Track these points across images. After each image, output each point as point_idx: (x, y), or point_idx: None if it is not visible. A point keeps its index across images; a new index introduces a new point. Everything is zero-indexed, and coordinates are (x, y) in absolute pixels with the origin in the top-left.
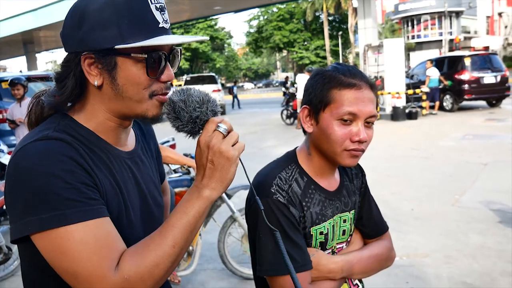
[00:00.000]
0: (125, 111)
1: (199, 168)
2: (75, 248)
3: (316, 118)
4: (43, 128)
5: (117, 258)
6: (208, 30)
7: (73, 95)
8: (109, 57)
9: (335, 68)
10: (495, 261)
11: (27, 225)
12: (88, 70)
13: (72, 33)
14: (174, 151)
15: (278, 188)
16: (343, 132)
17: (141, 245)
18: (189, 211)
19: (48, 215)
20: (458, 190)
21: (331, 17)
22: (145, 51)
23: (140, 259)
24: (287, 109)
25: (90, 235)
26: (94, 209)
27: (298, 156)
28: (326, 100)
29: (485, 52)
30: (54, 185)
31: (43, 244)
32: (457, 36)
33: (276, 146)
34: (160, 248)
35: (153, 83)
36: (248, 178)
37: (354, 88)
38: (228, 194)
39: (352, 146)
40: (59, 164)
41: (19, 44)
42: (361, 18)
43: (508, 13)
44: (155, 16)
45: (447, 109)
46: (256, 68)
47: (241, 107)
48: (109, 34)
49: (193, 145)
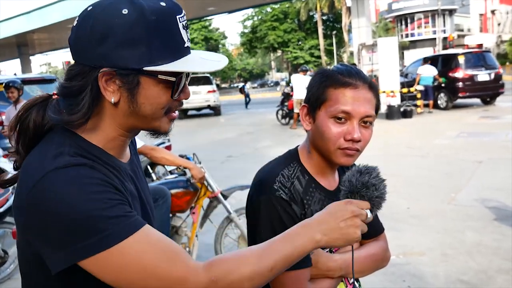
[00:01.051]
0: (137, 126)
1: (329, 216)
2: (135, 260)
3: (313, 116)
4: (55, 151)
5: (186, 255)
6: (202, 30)
7: (89, 113)
8: (132, 76)
9: (336, 68)
10: (492, 258)
11: (76, 253)
12: (105, 86)
13: (91, 46)
14: (169, 152)
15: (281, 185)
16: (337, 130)
17: (238, 254)
18: (296, 244)
19: (95, 239)
20: (454, 188)
21: (325, 17)
22: (172, 73)
23: (235, 267)
24: (282, 109)
25: (144, 243)
26: (136, 219)
27: (299, 154)
28: (322, 98)
29: (478, 50)
30: (93, 208)
31: (100, 269)
32: (450, 34)
33: (272, 146)
34: (259, 266)
35: (172, 102)
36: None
37: (350, 87)
38: (225, 195)
39: (346, 144)
40: (92, 187)
41: (13, 46)
42: (354, 17)
43: (501, 10)
44: (182, 35)
45: (442, 107)
46: (251, 69)
47: (238, 108)
48: (137, 53)
49: (188, 146)
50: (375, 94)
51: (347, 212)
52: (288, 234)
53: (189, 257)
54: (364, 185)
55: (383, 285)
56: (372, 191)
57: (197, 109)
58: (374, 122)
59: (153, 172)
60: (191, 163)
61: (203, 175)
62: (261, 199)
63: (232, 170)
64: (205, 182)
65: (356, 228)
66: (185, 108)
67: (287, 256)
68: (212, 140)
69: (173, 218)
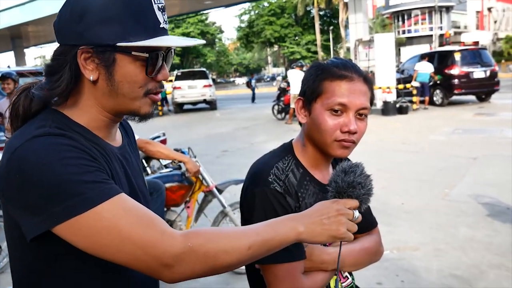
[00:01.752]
0: (118, 108)
1: (315, 211)
2: (111, 224)
3: (309, 109)
4: (37, 125)
5: (163, 223)
6: (198, 24)
7: (68, 89)
8: (108, 53)
9: (331, 61)
10: (484, 253)
11: (51, 218)
12: (84, 64)
13: (71, 26)
14: (164, 146)
15: (275, 178)
16: (333, 122)
17: (219, 228)
18: (278, 231)
19: (72, 202)
20: (448, 184)
21: (322, 12)
22: (146, 50)
23: (213, 238)
24: (278, 104)
25: (120, 209)
26: (113, 187)
27: (294, 148)
28: (318, 90)
29: (475, 47)
30: (68, 173)
31: (75, 235)
32: (447, 31)
33: (267, 141)
34: (237, 242)
35: (149, 81)
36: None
37: (345, 79)
38: (219, 189)
39: (342, 136)
40: (69, 153)
41: (7, 39)
42: (352, 13)
43: (498, 8)
44: (157, 16)
45: (437, 103)
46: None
47: (234, 103)
48: (112, 30)
49: (183, 140)
50: (370, 87)
51: (332, 210)
52: (272, 221)
53: (167, 225)
54: (350, 185)
55: (376, 279)
56: (358, 190)
57: (193, 103)
58: (368, 114)
59: (148, 166)
60: (186, 157)
61: (198, 169)
62: (255, 191)
63: (227, 165)
64: (200, 176)
65: (339, 225)
66: (181, 102)
67: (267, 240)
68: (207, 135)
69: (168, 212)
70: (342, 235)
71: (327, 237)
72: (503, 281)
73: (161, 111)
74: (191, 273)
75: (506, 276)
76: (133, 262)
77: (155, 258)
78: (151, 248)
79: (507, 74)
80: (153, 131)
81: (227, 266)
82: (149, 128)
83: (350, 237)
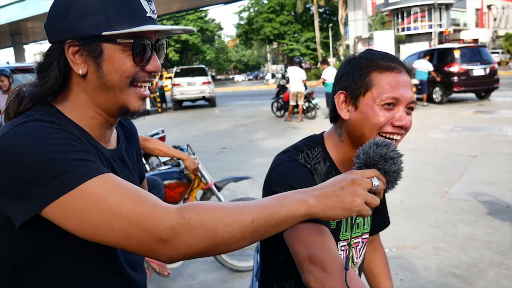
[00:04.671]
0: (109, 102)
1: (328, 183)
2: (99, 200)
3: (355, 104)
4: (27, 114)
5: (155, 197)
6: (198, 21)
7: (56, 85)
8: (94, 44)
9: (370, 54)
10: (483, 252)
11: (39, 200)
12: (72, 58)
13: (57, 22)
14: (163, 143)
15: (305, 157)
16: (386, 116)
17: (217, 203)
18: (286, 204)
19: (58, 181)
20: (447, 182)
21: (322, 9)
22: (131, 37)
23: (211, 210)
24: (277, 101)
25: (109, 185)
26: (100, 166)
27: (325, 141)
28: (367, 84)
29: (474, 45)
30: (56, 151)
31: (62, 214)
32: (446, 29)
33: (266, 138)
34: (238, 214)
35: (138, 71)
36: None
37: (394, 71)
38: (218, 187)
39: (392, 130)
40: (56, 135)
41: (6, 35)
42: (351, 10)
43: (497, 5)
44: (142, 5)
45: (437, 101)
46: (246, 60)
47: (233, 100)
48: (95, 20)
49: (182, 137)
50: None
51: (347, 180)
52: (280, 195)
53: (160, 200)
54: (382, 157)
55: None
56: (390, 165)
57: (192, 100)
58: None
59: (147, 163)
60: (185, 154)
61: (196, 166)
62: (283, 162)
63: (226, 162)
64: (198, 173)
65: (355, 196)
66: (180, 99)
67: (273, 213)
68: (206, 132)
69: None
70: (357, 208)
71: (341, 210)
72: (502, 280)
73: (160, 108)
74: (187, 248)
75: (505, 275)
76: (126, 240)
77: (148, 232)
78: (144, 222)
79: (506, 72)
80: (152, 128)
81: (229, 241)
82: (148, 125)
83: (368, 212)
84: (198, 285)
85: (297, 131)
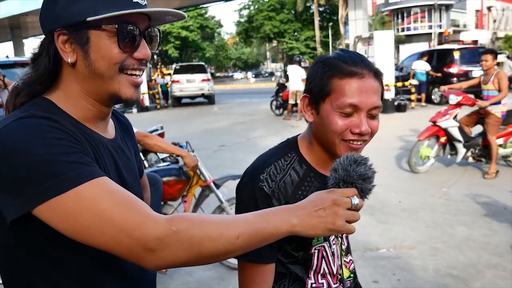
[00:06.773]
0: (99, 91)
1: (310, 203)
2: (92, 205)
3: (317, 108)
4: (23, 109)
5: (147, 206)
6: (198, 18)
7: (46, 74)
8: (81, 32)
9: (338, 55)
10: (481, 253)
11: (31, 198)
12: (62, 47)
13: (48, 12)
14: (162, 139)
15: (268, 177)
16: (343, 123)
17: (206, 215)
18: (270, 222)
19: (53, 182)
20: (445, 183)
21: (322, 8)
22: (117, 23)
23: (200, 223)
24: (276, 100)
25: (102, 190)
26: (96, 169)
27: (299, 144)
28: (326, 90)
29: (474, 46)
30: (52, 153)
31: (54, 215)
32: (446, 30)
33: (265, 136)
34: (225, 229)
35: (126, 58)
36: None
37: (356, 77)
38: (217, 184)
39: (352, 137)
40: (52, 134)
41: (6, 29)
42: (351, 10)
43: (497, 7)
44: None
45: (436, 102)
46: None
47: (232, 98)
48: (82, 7)
49: (181, 134)
50: (380, 82)
51: (328, 201)
52: (264, 211)
53: (151, 209)
54: (361, 177)
55: (373, 278)
56: (367, 183)
57: (191, 97)
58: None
59: (145, 159)
60: (184, 151)
61: (196, 163)
62: (244, 184)
63: (224, 159)
64: (197, 170)
65: (336, 217)
66: (179, 96)
67: (257, 230)
68: (205, 129)
69: (165, 206)
70: (338, 228)
71: (323, 230)
72: (499, 281)
73: (159, 105)
74: (174, 259)
75: (502, 276)
76: (115, 245)
77: (137, 241)
78: (134, 231)
79: None
80: (151, 124)
81: (213, 255)
82: (147, 121)
83: (350, 230)
84: (195, 282)
85: (296, 130)
